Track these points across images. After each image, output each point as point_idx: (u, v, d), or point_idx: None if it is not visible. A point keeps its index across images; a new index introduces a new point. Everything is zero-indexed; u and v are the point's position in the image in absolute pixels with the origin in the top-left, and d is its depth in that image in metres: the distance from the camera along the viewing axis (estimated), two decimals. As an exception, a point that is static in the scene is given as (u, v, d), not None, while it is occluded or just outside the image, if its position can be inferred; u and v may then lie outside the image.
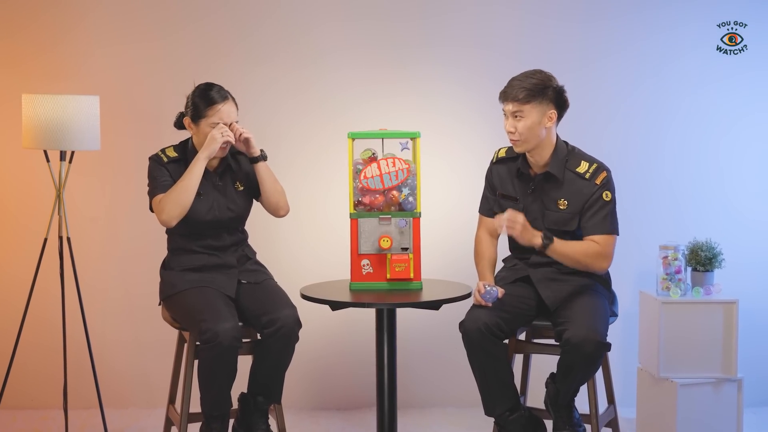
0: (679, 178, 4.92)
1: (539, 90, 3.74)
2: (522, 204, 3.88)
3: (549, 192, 3.84)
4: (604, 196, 3.79)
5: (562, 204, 3.82)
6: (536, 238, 3.74)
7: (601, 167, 3.83)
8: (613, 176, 4.34)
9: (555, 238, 3.75)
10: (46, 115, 4.18)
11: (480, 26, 4.88)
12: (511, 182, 3.93)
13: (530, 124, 3.74)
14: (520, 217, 3.74)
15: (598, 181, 3.80)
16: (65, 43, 4.84)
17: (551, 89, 3.77)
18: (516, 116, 3.76)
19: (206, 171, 3.90)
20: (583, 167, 3.82)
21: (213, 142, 3.82)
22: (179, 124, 4.00)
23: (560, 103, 3.80)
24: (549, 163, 3.82)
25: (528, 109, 3.74)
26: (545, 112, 3.76)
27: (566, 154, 3.84)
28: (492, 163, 4.02)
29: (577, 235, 3.86)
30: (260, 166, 3.96)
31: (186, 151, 3.96)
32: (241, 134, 3.89)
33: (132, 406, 4.90)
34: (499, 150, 4.01)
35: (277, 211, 4.04)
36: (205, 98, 3.87)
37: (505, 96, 3.78)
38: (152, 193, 3.89)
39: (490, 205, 4.01)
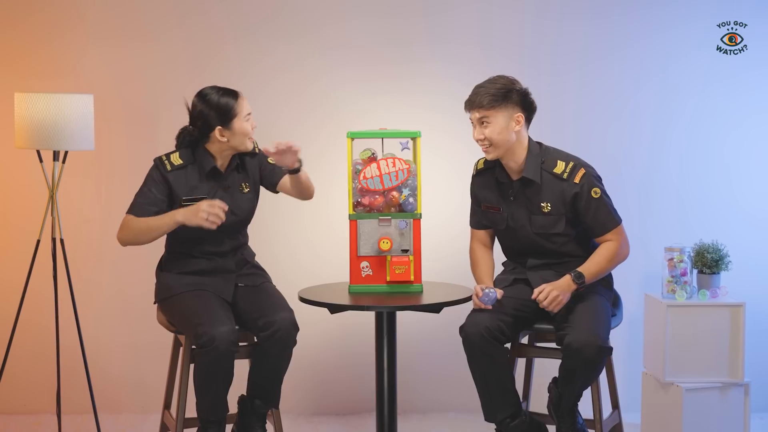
0: (685, 179, 4.90)
1: (503, 95, 3.75)
2: (506, 213, 3.88)
3: (531, 197, 3.84)
4: (593, 193, 3.78)
5: (546, 207, 3.82)
6: (572, 286, 3.73)
7: (578, 165, 3.82)
8: (618, 177, 4.31)
9: (581, 271, 3.73)
10: (39, 114, 4.16)
11: (482, 23, 4.86)
12: (491, 193, 3.93)
13: (498, 129, 3.76)
14: (554, 292, 3.69)
15: (577, 180, 3.79)
16: (59, 40, 4.82)
17: (515, 92, 3.78)
18: (483, 123, 3.77)
19: (216, 172, 3.85)
20: (559, 167, 3.81)
21: (195, 218, 3.67)
22: (188, 143, 3.85)
23: (526, 105, 3.81)
24: (524, 168, 3.81)
25: (494, 114, 3.75)
26: (512, 115, 3.77)
27: (540, 154, 3.83)
28: (473, 176, 4.03)
29: (568, 235, 3.84)
30: (302, 174, 3.91)
31: (194, 154, 3.85)
32: (290, 147, 3.78)
33: (126, 412, 4.88)
34: (478, 161, 4.03)
35: (307, 198, 4.04)
36: (225, 102, 3.78)
37: (471, 104, 3.80)
38: (131, 206, 3.80)
39: (479, 218, 4.01)
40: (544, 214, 3.82)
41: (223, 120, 3.78)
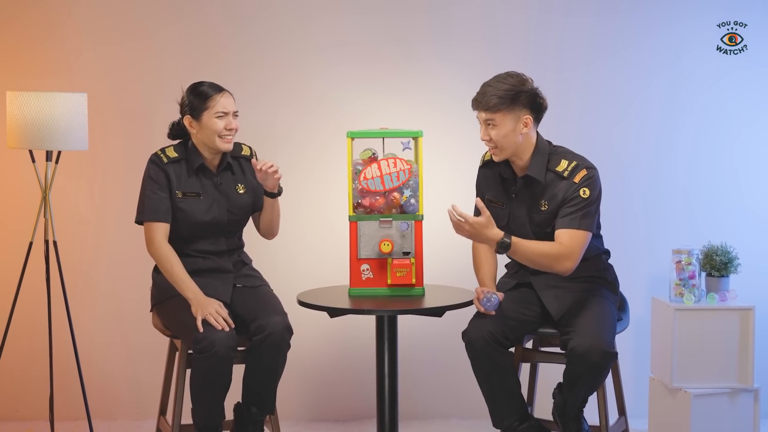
0: (692, 179, 4.87)
1: (511, 97, 3.67)
2: (508, 209, 3.84)
3: (533, 196, 3.79)
4: (581, 192, 3.70)
5: (544, 205, 3.76)
6: (491, 241, 3.61)
7: (581, 165, 3.74)
8: (624, 177, 4.24)
9: (513, 239, 3.62)
10: (31, 113, 4.15)
11: (485, 20, 4.83)
12: (495, 187, 3.89)
13: (504, 132, 3.69)
14: (468, 222, 3.59)
15: (576, 179, 3.71)
16: (52, 38, 4.80)
17: (524, 94, 3.69)
18: (489, 124, 3.71)
19: (207, 171, 3.90)
20: (562, 166, 3.75)
21: (202, 308, 3.68)
22: (175, 134, 3.95)
23: (535, 107, 3.73)
24: (529, 165, 3.76)
25: (500, 118, 3.68)
26: (519, 118, 3.70)
27: (548, 154, 3.77)
28: (480, 167, 3.98)
29: None
30: (274, 202, 3.94)
31: (186, 151, 3.91)
32: (275, 171, 3.82)
33: (121, 418, 4.85)
34: (486, 153, 3.97)
35: (267, 236, 4.07)
36: (201, 94, 3.85)
37: (477, 104, 3.73)
38: (142, 213, 3.85)
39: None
40: (541, 212, 3.75)
41: (193, 110, 3.84)
